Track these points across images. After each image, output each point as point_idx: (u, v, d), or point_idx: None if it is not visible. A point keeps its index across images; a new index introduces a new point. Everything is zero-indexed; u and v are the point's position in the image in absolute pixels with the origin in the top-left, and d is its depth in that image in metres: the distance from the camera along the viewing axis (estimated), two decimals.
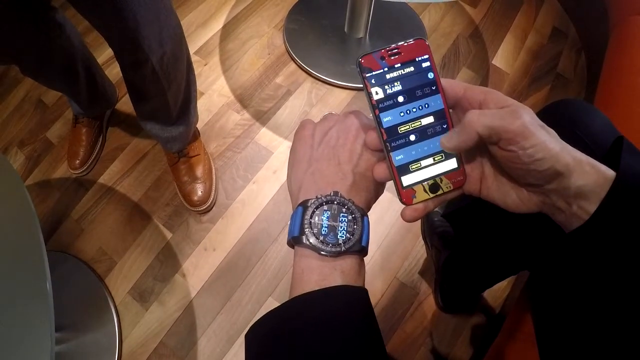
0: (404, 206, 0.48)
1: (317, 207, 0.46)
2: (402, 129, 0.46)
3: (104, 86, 1.49)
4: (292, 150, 0.53)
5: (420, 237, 1.44)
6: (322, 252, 0.44)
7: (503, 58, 1.85)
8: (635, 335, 0.46)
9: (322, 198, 0.46)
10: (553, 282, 0.62)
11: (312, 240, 0.45)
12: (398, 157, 0.46)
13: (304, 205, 0.46)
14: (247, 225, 1.46)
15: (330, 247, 0.44)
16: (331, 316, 0.42)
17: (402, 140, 0.46)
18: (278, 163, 1.56)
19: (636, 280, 0.43)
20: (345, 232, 0.45)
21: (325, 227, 0.45)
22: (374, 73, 0.46)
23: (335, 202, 0.46)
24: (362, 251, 0.46)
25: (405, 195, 0.47)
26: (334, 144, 0.50)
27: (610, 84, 1.30)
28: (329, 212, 0.46)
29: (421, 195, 0.47)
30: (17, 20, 1.00)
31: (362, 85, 0.47)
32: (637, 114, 1.15)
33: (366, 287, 0.46)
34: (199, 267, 1.40)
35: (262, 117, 1.65)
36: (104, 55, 1.78)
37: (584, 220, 0.42)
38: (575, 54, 1.90)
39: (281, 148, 1.59)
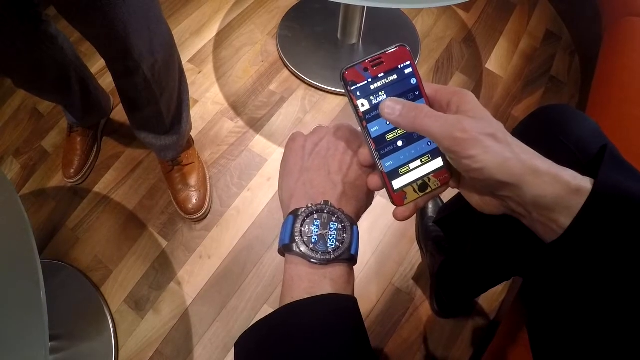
0: (393, 215, 0.49)
1: (307, 216, 0.47)
2: (390, 136, 0.47)
3: (98, 96, 1.50)
4: (284, 161, 0.54)
5: (415, 243, 1.44)
6: (312, 260, 0.45)
7: (496, 62, 1.86)
8: (626, 338, 0.46)
9: (313, 207, 0.47)
10: (544, 289, 0.62)
11: (303, 248, 0.45)
12: (388, 164, 0.48)
13: (294, 214, 0.47)
14: (242, 233, 1.46)
15: (320, 255, 0.45)
16: (320, 325, 0.42)
17: (391, 147, 0.47)
18: (272, 170, 1.57)
19: (616, 287, 0.43)
20: (334, 241, 0.46)
21: (315, 235, 0.46)
22: (358, 85, 0.46)
23: (325, 211, 0.47)
24: (352, 260, 0.47)
25: (396, 198, 0.48)
26: (325, 155, 0.51)
27: (603, 85, 1.31)
28: (319, 221, 0.46)
29: (411, 195, 0.49)
30: (10, 34, 1.01)
31: (347, 98, 0.48)
32: (630, 116, 1.15)
33: (362, 292, 0.47)
34: (195, 275, 1.40)
35: (255, 125, 1.66)
36: (98, 64, 1.78)
37: (554, 230, 0.42)
38: (569, 56, 1.90)
39: (275, 155, 1.59)
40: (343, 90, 0.47)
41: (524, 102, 1.75)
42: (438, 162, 0.48)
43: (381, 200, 1.46)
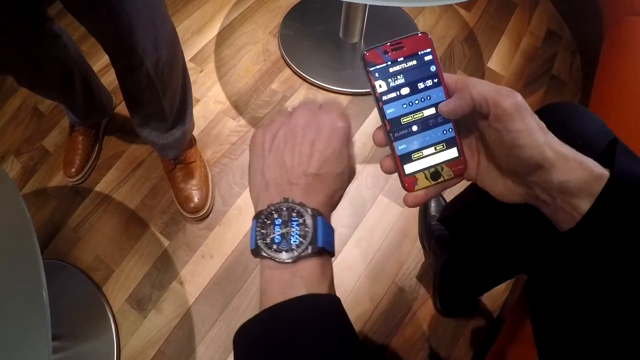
0: (403, 200, 0.50)
1: (267, 217, 0.45)
2: (405, 120, 0.48)
3: (100, 96, 1.49)
4: (249, 163, 0.51)
5: (418, 242, 1.44)
6: (277, 260, 0.43)
7: (498, 61, 1.86)
8: (634, 336, 0.46)
9: (272, 207, 0.45)
10: (551, 285, 0.62)
11: (267, 250, 0.44)
12: (401, 147, 0.49)
13: (256, 217, 0.46)
14: (244, 232, 1.46)
15: (285, 254, 0.43)
16: (298, 329, 0.41)
17: (405, 131, 0.48)
18: None
19: (632, 279, 0.43)
20: (297, 237, 0.44)
21: (278, 235, 0.44)
22: (377, 67, 0.47)
23: (285, 208, 0.45)
24: (322, 252, 0.45)
25: (407, 182, 0.49)
26: (283, 149, 0.48)
27: (605, 85, 1.31)
28: (280, 220, 0.45)
29: (422, 182, 0.49)
30: (13, 32, 1.00)
31: (366, 81, 0.48)
32: (632, 115, 1.15)
33: (364, 292, 0.46)
34: (197, 274, 1.40)
35: (258, 124, 1.66)
36: (100, 62, 1.78)
37: (574, 217, 0.42)
38: (570, 55, 1.90)
39: None
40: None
41: (525, 102, 1.75)
42: (453, 152, 0.49)
43: (383, 199, 1.46)
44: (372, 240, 1.44)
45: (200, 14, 1.93)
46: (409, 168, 0.49)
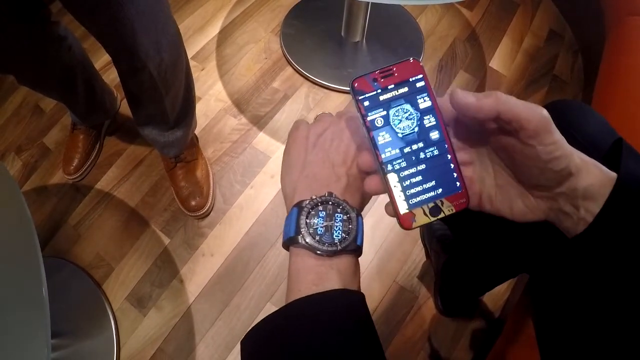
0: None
1: (312, 208, 0.46)
2: (397, 150, 0.44)
3: (103, 98, 1.48)
4: (286, 153, 0.52)
5: (419, 241, 1.44)
6: (318, 252, 0.44)
7: (500, 61, 1.85)
8: (637, 337, 0.45)
9: (317, 199, 0.46)
10: (554, 285, 0.62)
11: (309, 239, 0.44)
12: (394, 180, 0.44)
13: (299, 206, 0.46)
14: (245, 230, 1.45)
15: (327, 246, 0.44)
16: (328, 322, 0.41)
17: (399, 161, 0.44)
18: (275, 167, 1.56)
19: (636, 282, 0.43)
20: (340, 232, 0.45)
21: (321, 227, 0.45)
22: (366, 95, 0.44)
23: (330, 203, 0.46)
24: (357, 250, 0.46)
25: (403, 219, 0.44)
26: (328, 147, 0.50)
27: (607, 85, 1.30)
28: (324, 212, 0.45)
29: (421, 219, 0.44)
30: (16, 33, 1.00)
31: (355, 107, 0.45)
32: (635, 115, 1.15)
33: (365, 291, 0.45)
34: (197, 273, 1.39)
35: (259, 122, 1.65)
36: (103, 59, 1.77)
37: (588, 222, 0.41)
38: (572, 55, 1.90)
39: (279, 152, 1.59)
40: (350, 93, 0.45)
41: (527, 102, 1.75)
42: (453, 185, 0.44)
43: (385, 198, 1.45)
44: (374, 239, 1.43)
45: (202, 13, 1.93)
46: (405, 204, 0.44)
